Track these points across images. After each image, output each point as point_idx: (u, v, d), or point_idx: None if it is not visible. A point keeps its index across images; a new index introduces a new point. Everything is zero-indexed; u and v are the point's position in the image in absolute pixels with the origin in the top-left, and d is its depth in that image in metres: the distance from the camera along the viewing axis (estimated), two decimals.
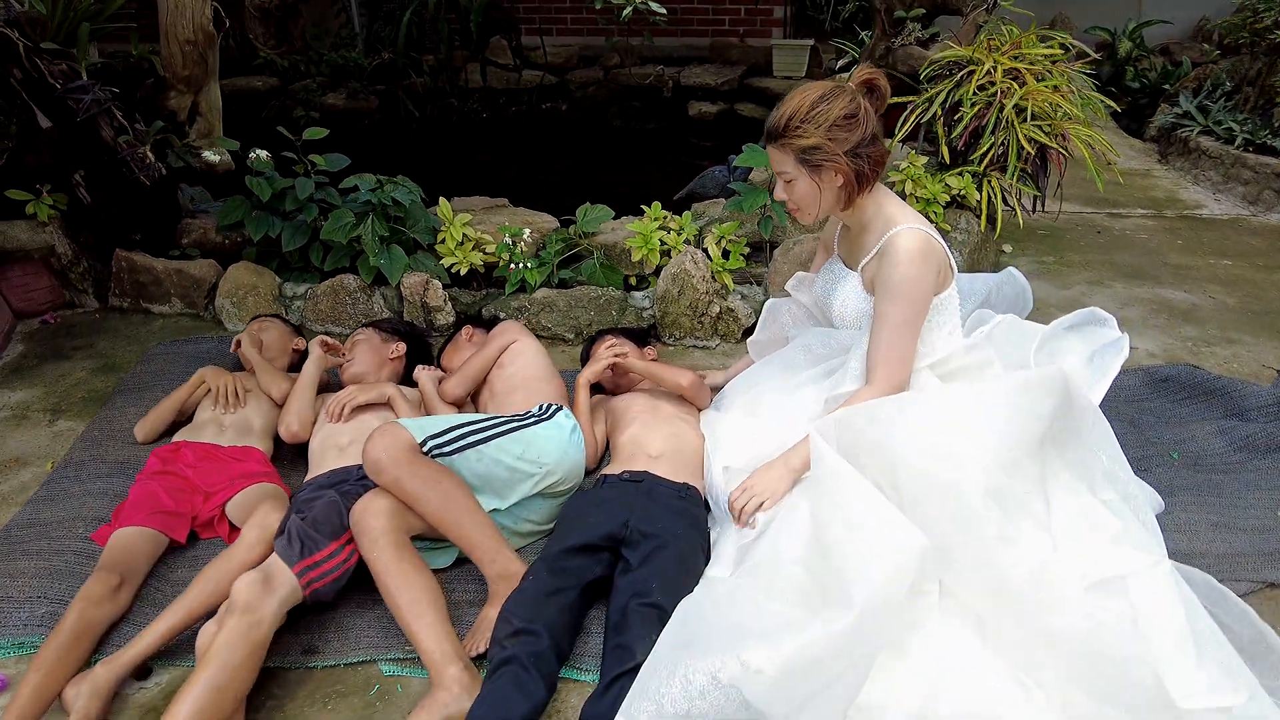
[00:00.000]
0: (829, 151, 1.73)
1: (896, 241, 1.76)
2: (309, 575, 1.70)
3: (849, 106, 1.72)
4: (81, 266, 3.08)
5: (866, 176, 1.78)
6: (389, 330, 2.58)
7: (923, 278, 1.75)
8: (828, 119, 1.71)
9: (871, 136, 1.75)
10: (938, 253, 1.79)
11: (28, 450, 2.37)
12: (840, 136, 1.72)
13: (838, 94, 1.74)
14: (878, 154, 1.77)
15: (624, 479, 2.00)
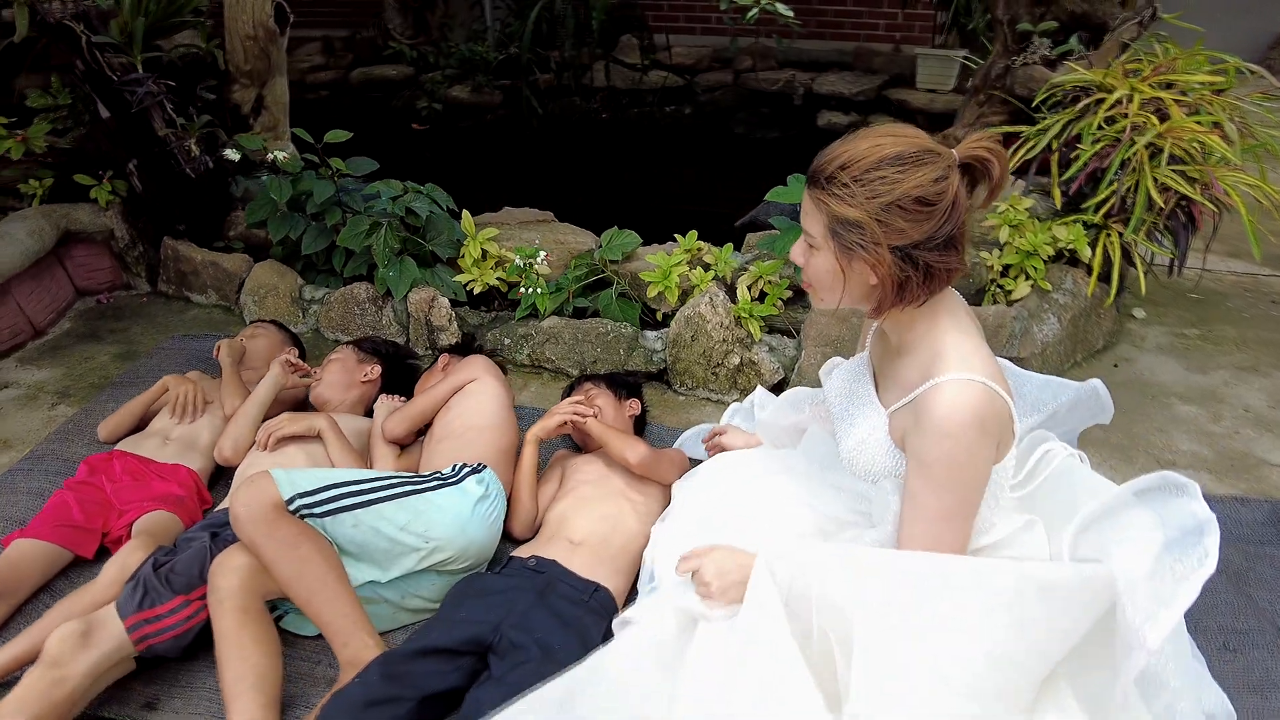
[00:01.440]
0: (871, 237, 1.20)
1: (939, 400, 1.22)
2: (144, 630, 1.58)
3: (929, 187, 1.18)
4: (137, 251, 3.20)
5: (915, 289, 1.24)
6: (368, 350, 2.45)
7: (975, 457, 1.22)
8: (889, 193, 1.18)
9: (946, 239, 1.21)
10: (999, 418, 1.24)
11: (19, 433, 2.44)
12: (896, 224, 1.18)
13: (923, 162, 1.19)
14: (945, 265, 1.23)
15: (528, 565, 1.73)
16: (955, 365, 1.23)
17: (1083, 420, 1.79)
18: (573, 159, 5.56)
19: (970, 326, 1.31)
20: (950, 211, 1.19)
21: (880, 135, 1.21)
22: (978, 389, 1.21)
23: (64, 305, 3.11)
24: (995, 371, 1.24)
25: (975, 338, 1.29)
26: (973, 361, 1.23)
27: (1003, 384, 1.23)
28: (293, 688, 1.69)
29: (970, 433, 1.20)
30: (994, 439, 1.23)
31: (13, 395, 2.62)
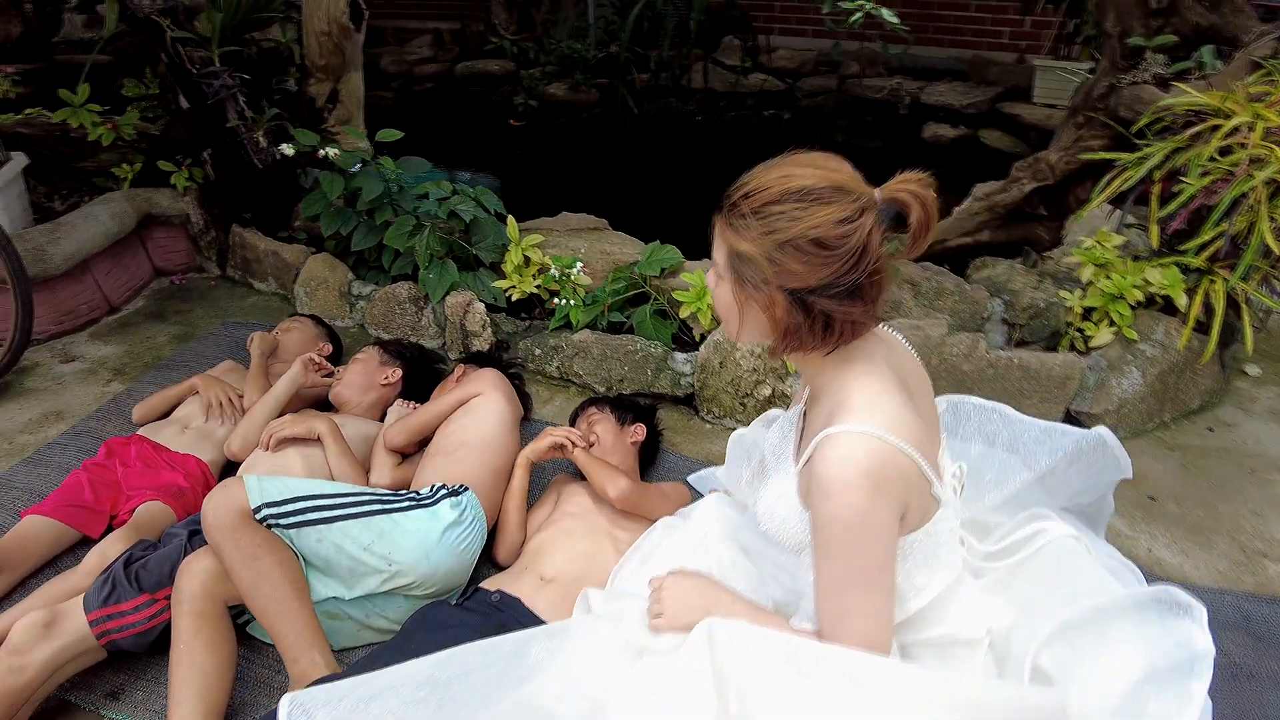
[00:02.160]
0: (762, 275, 1.11)
1: (827, 455, 1.08)
2: (106, 626, 1.60)
3: (830, 229, 1.05)
4: (209, 236, 3.33)
5: (810, 337, 1.13)
6: (393, 353, 2.43)
7: (868, 519, 1.07)
8: (785, 231, 1.06)
9: (850, 288, 1.08)
10: (901, 477, 1.09)
11: (72, 406, 2.57)
12: (790, 266, 1.07)
13: (828, 201, 1.06)
14: (846, 315, 1.10)
15: (491, 599, 1.66)
16: (852, 416, 1.09)
17: (1094, 478, 1.56)
18: (660, 161, 5.46)
19: (888, 374, 1.15)
20: (855, 258, 1.05)
21: (796, 165, 1.09)
22: (870, 443, 1.06)
23: (141, 284, 3.27)
24: (902, 424, 1.09)
25: (889, 386, 1.13)
26: (874, 412, 1.09)
27: (911, 437, 1.08)
28: (247, 694, 1.68)
29: (858, 492, 1.05)
30: (894, 499, 1.08)
31: (76, 369, 2.76)
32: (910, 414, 1.10)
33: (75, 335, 2.95)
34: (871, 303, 1.10)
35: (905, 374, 1.19)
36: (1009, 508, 1.54)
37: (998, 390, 2.29)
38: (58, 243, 2.86)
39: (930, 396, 1.29)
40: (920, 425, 1.11)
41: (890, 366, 1.17)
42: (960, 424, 1.65)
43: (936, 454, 1.19)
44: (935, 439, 1.23)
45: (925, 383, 1.29)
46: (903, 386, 1.15)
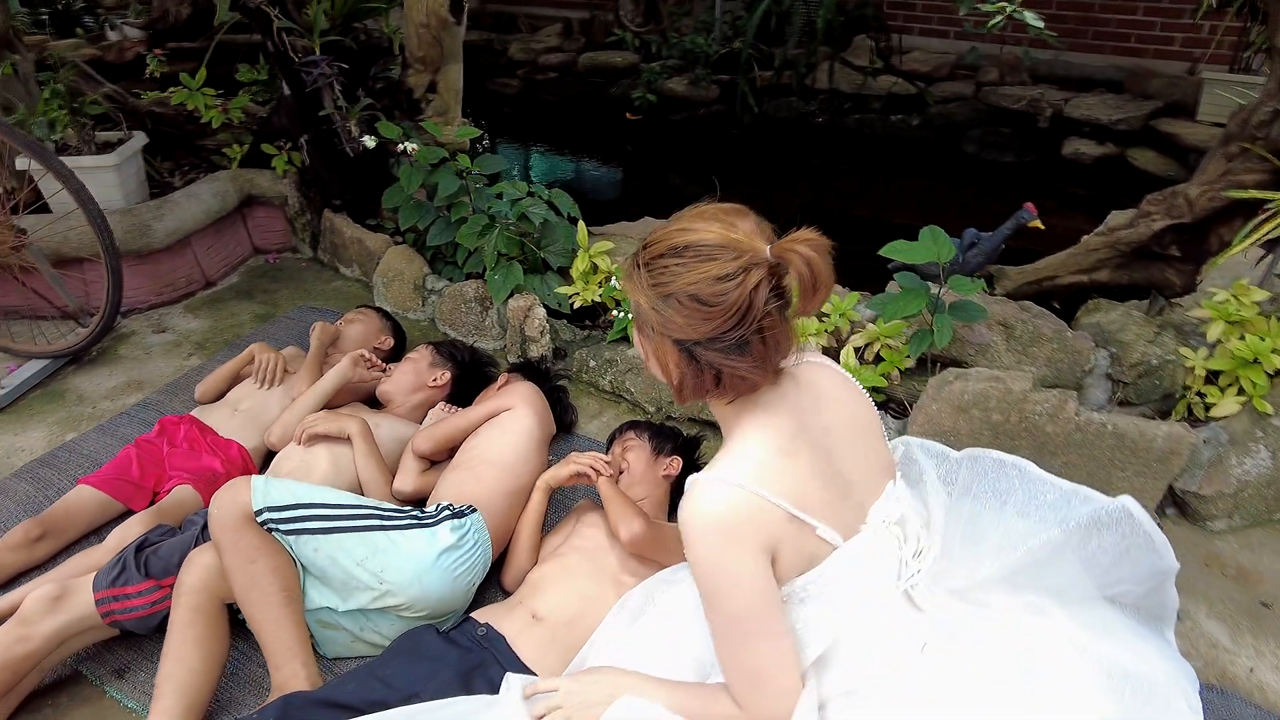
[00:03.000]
0: (652, 325, 1.13)
1: (685, 503, 1.12)
2: (111, 606, 1.64)
3: (707, 287, 1.04)
4: (305, 219, 3.43)
5: (700, 388, 1.14)
6: (445, 355, 2.41)
7: (725, 568, 1.09)
8: (667, 285, 1.07)
9: (736, 343, 1.07)
10: (761, 524, 1.09)
11: (151, 377, 2.70)
12: (673, 319, 1.07)
13: (710, 258, 1.05)
14: (733, 371, 1.10)
15: (477, 633, 1.59)
16: (717, 464, 1.13)
17: (1133, 564, 1.32)
18: (774, 163, 5.26)
19: (778, 423, 1.15)
20: (737, 315, 1.05)
21: (697, 219, 1.10)
22: (725, 491, 1.09)
23: (239, 260, 3.42)
24: (768, 471, 1.11)
25: (770, 434, 1.14)
26: (738, 460, 1.12)
27: (780, 484, 1.10)
28: (237, 691, 1.69)
29: (711, 540, 1.09)
30: (751, 546, 1.09)
31: (164, 340, 2.91)
32: (785, 461, 1.11)
33: (171, 307, 3.11)
34: (761, 359, 1.09)
35: (819, 420, 1.18)
36: (1011, 585, 1.33)
37: (1084, 458, 2.01)
38: (162, 219, 3.01)
39: (863, 439, 1.24)
40: (799, 471, 1.12)
41: (792, 414, 1.16)
42: (976, 480, 1.48)
43: (838, 500, 1.17)
44: (841, 485, 1.18)
45: (857, 425, 1.24)
46: (796, 433, 1.14)
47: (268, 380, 2.32)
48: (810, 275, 1.03)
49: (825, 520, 1.14)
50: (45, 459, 2.28)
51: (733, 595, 1.09)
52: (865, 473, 1.22)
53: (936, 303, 2.14)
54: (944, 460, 1.54)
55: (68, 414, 2.52)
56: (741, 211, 1.11)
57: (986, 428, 2.06)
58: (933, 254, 2.08)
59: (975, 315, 2.14)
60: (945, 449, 1.55)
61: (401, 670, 1.52)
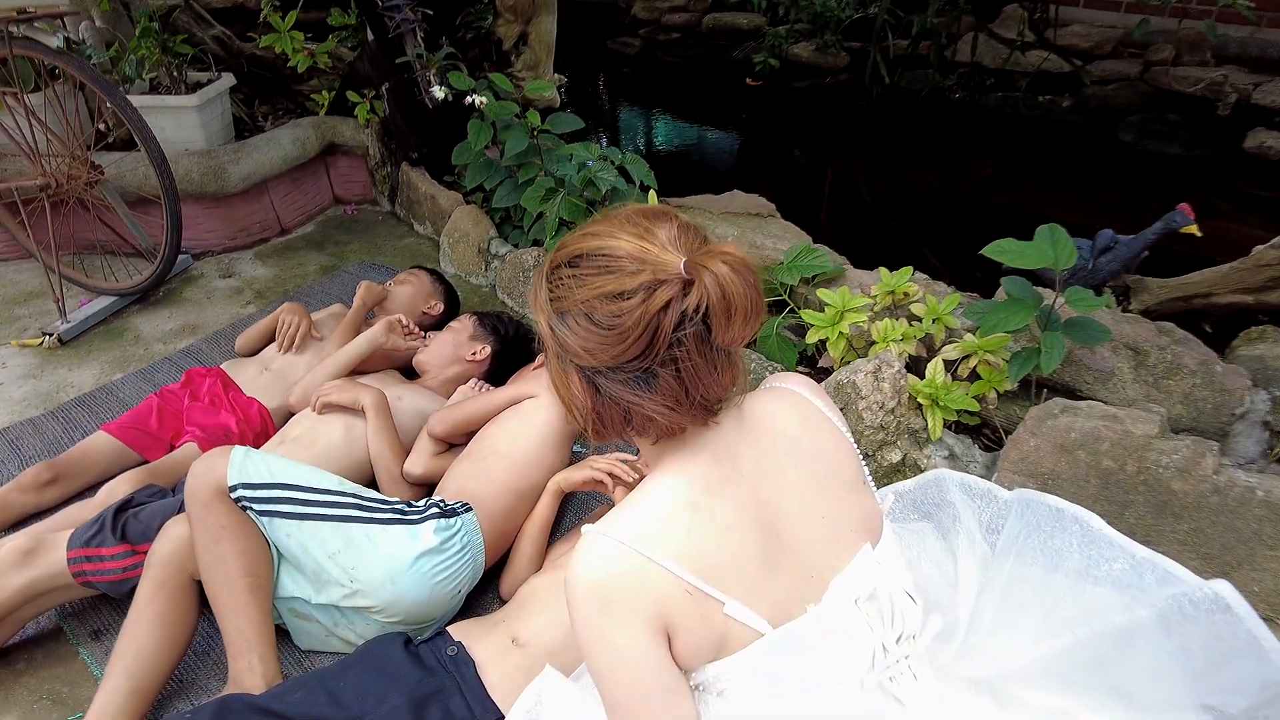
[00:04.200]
0: (550, 346, 0.93)
1: (570, 560, 0.91)
2: (83, 566, 1.56)
3: (601, 306, 0.84)
4: (385, 171, 3.33)
5: (609, 424, 0.93)
6: (488, 328, 2.23)
7: (603, 642, 0.87)
8: (561, 301, 0.88)
9: (641, 374, 0.87)
10: (640, 593, 0.87)
11: (208, 322, 2.66)
12: (569, 341, 0.88)
13: (608, 271, 0.85)
14: (639, 408, 0.88)
15: (448, 653, 1.40)
16: (609, 518, 0.91)
17: (1207, 668, 0.99)
18: (903, 140, 4.80)
19: (696, 471, 0.92)
20: (642, 342, 0.84)
21: (605, 222, 0.90)
22: (607, 549, 0.88)
23: (317, 210, 3.36)
24: (670, 531, 0.88)
25: (678, 486, 0.91)
26: (634, 515, 0.90)
27: (674, 548, 0.87)
28: (203, 672, 1.59)
29: (587, 609, 0.88)
30: (633, 618, 0.86)
31: (228, 286, 2.87)
32: (692, 517, 0.89)
33: (243, 252, 3.08)
34: (673, 397, 0.87)
35: (760, 466, 0.95)
36: (1059, 681, 1.01)
37: (1219, 528, 1.61)
38: (238, 163, 2.97)
39: (829, 489, 0.98)
40: (709, 531, 0.89)
41: (717, 458, 0.93)
42: (1026, 533, 1.14)
43: (767, 569, 0.91)
44: (780, 550, 0.92)
45: (820, 470, 0.98)
46: (719, 484, 0.91)
47: (286, 344, 2.20)
48: (722, 298, 0.81)
49: (742, 594, 0.89)
50: (83, 399, 2.26)
51: (612, 675, 0.87)
52: (827, 533, 0.96)
53: (1049, 317, 1.77)
54: (988, 502, 1.22)
55: (121, 353, 2.51)
56: (664, 215, 0.90)
57: (1094, 475, 1.69)
58: (1048, 258, 1.70)
59: (1096, 336, 1.76)
60: (991, 487, 1.23)
61: (354, 685, 1.35)
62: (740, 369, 0.91)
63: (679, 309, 0.82)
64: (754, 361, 2.12)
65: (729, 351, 0.88)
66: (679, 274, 0.82)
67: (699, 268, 0.81)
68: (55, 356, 2.49)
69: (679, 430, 0.91)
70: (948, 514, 1.13)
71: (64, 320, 2.58)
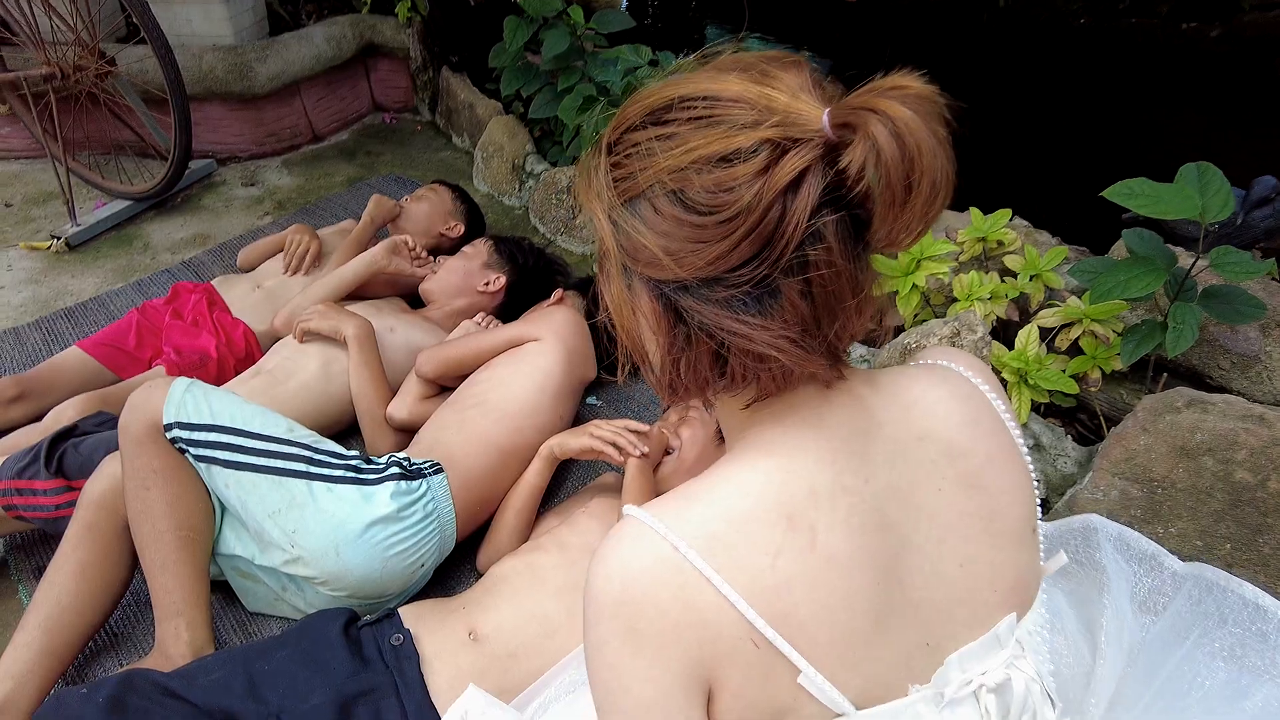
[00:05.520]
0: (610, 254, 0.63)
1: (600, 548, 0.63)
2: (14, 500, 1.40)
3: (701, 174, 0.55)
4: (426, 76, 3.05)
5: (691, 373, 0.62)
6: (505, 254, 1.96)
7: (618, 674, 0.60)
8: (636, 175, 0.59)
9: (750, 286, 0.56)
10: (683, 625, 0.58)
11: (221, 232, 2.47)
12: (639, 239, 0.59)
13: (714, 121, 0.56)
14: (741, 341, 0.58)
15: (392, 642, 1.18)
16: (668, 500, 0.62)
17: None
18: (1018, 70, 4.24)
19: (799, 466, 0.61)
20: (758, 234, 0.54)
21: (721, 67, 0.58)
22: (652, 548, 0.59)
23: (354, 117, 3.12)
24: (739, 540, 0.59)
25: (769, 478, 0.61)
26: (699, 506, 0.61)
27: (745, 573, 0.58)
28: (136, 626, 1.42)
29: (605, 625, 0.60)
30: (663, 655, 0.59)
31: (248, 195, 2.67)
32: (781, 535, 0.59)
33: (270, 159, 2.87)
34: (800, 325, 0.57)
35: (892, 474, 0.64)
36: None
37: None
38: (265, 61, 2.73)
39: (980, 527, 0.66)
40: (799, 558, 0.59)
41: (833, 451, 0.62)
42: (1200, 620, 0.82)
43: (871, 627, 0.61)
44: (891, 603, 0.62)
45: (978, 497, 0.66)
46: (828, 490, 0.61)
47: (294, 266, 1.98)
48: (901, 159, 0.51)
49: (828, 660, 0.60)
50: (73, 309, 2.11)
51: (622, 710, 0.60)
52: (962, 588, 0.66)
53: (1182, 283, 1.38)
54: (1150, 570, 0.91)
55: (128, 262, 2.35)
56: (791, 61, 0.60)
57: (1222, 488, 1.33)
58: (1192, 207, 1.31)
59: (1244, 312, 1.37)
60: (1158, 551, 0.91)
61: (280, 671, 1.14)
62: (881, 302, 0.62)
63: (819, 183, 0.53)
64: None
65: (870, 265, 0.59)
66: (820, 130, 0.53)
67: (862, 114, 0.51)
68: (61, 262, 2.35)
69: (794, 383, 0.61)
70: (1091, 578, 0.79)
71: (74, 223, 2.43)
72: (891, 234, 0.55)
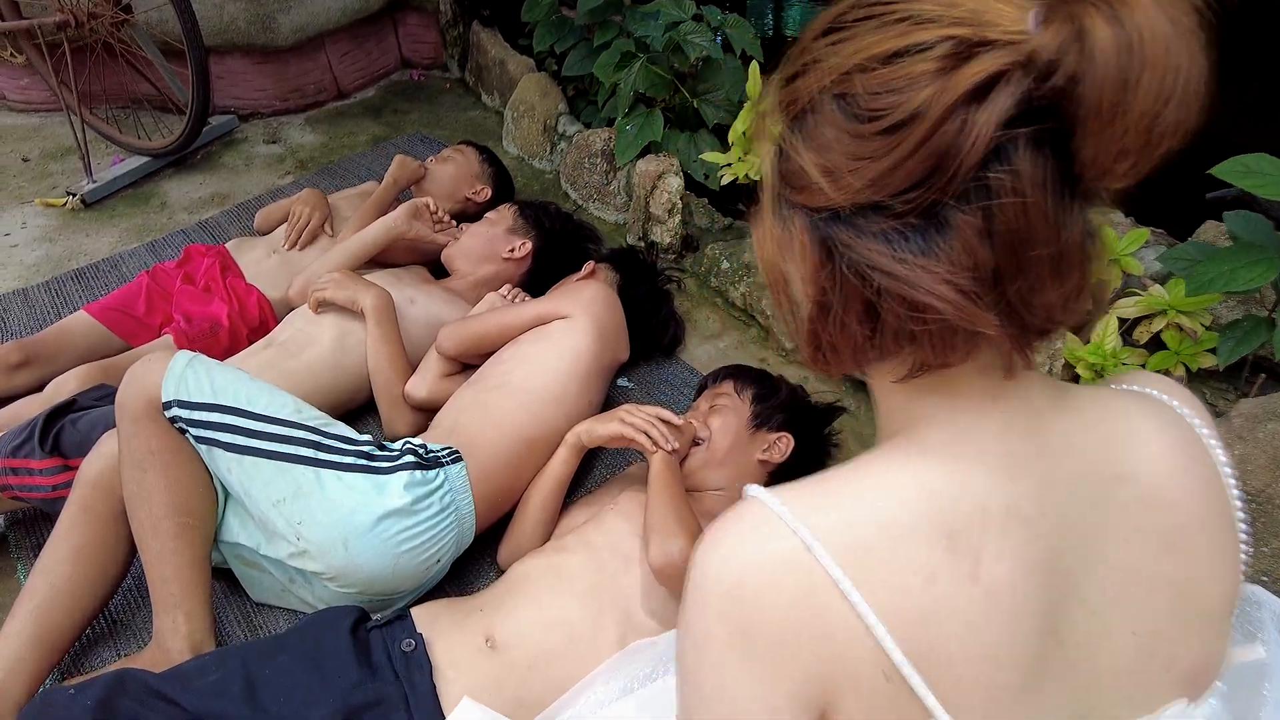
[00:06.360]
0: (771, 186, 0.53)
1: (709, 532, 0.53)
2: (9, 480, 1.33)
3: (870, 75, 0.44)
4: (456, 31, 2.90)
5: (839, 328, 0.51)
6: (531, 220, 1.84)
7: (717, 686, 0.51)
8: (805, 85, 0.48)
9: (910, 215, 0.45)
10: (805, 636, 0.48)
11: (239, 192, 2.37)
12: (799, 159, 0.48)
13: (900, 15, 0.44)
14: (897, 284, 0.46)
15: (402, 648, 1.08)
16: (804, 486, 0.52)
17: None
18: None
19: (967, 478, 0.50)
20: (928, 149, 0.43)
21: None
22: (782, 543, 0.49)
23: (380, 73, 2.98)
24: (886, 549, 0.48)
25: (930, 481, 0.50)
26: (844, 500, 0.51)
27: (890, 592, 0.48)
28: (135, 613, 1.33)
29: (710, 619, 0.51)
30: (780, 674, 0.49)
31: (269, 153, 2.57)
32: (936, 554, 0.48)
33: (293, 116, 2.76)
34: (971, 274, 0.45)
35: (1077, 511, 0.52)
36: None
37: None
38: (289, 12, 2.61)
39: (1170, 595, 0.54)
40: (956, 586, 0.48)
41: (1015, 468, 0.51)
42: None
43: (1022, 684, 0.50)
44: (1050, 659, 0.51)
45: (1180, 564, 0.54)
46: (1000, 510, 0.50)
47: (293, 241, 1.85)
48: (1114, 43, 0.40)
49: (966, 712, 0.49)
50: (84, 270, 2.03)
51: None
52: (1131, 659, 0.54)
53: None
54: None
55: (144, 221, 2.26)
56: None
57: None
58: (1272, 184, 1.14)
59: None
60: None
61: (281, 675, 1.05)
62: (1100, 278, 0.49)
63: (1015, 92, 0.41)
64: None
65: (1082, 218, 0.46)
66: (1023, 32, 0.41)
67: (1086, 8, 0.40)
68: (76, 219, 2.26)
69: (958, 356, 0.49)
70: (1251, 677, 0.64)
71: (90, 180, 2.34)
72: (1100, 156, 0.42)
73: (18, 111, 2.76)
